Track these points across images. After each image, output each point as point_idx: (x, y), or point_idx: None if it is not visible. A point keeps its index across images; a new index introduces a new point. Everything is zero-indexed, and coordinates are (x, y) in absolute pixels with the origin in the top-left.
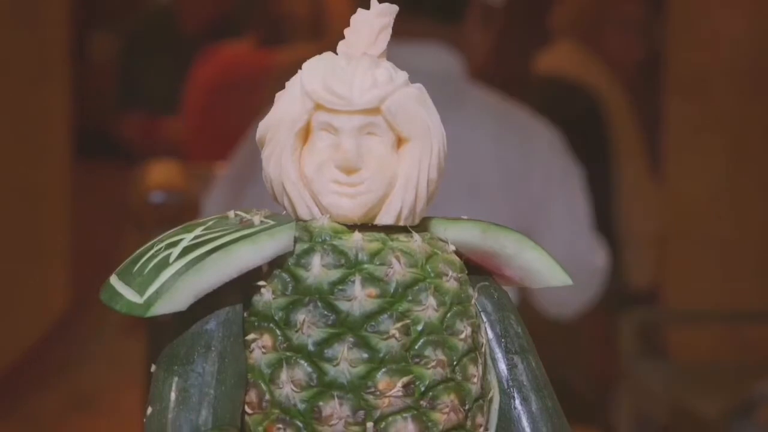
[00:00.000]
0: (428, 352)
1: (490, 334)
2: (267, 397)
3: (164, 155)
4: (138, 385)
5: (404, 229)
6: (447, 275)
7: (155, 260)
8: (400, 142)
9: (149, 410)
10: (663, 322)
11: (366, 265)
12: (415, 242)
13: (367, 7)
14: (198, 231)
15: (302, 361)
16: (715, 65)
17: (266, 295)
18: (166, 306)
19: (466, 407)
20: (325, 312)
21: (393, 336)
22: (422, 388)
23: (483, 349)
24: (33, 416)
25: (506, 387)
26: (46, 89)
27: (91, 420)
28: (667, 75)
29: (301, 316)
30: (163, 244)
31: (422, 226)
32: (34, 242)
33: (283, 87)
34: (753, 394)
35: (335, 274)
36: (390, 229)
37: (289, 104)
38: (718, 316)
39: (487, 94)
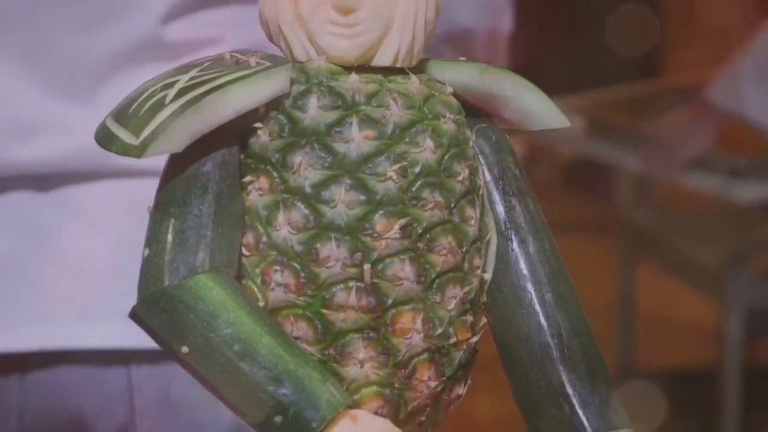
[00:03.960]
0: (426, 194)
1: (488, 176)
2: (264, 239)
3: None
4: None
5: (402, 71)
6: (445, 117)
7: (150, 102)
8: None
9: (146, 252)
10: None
11: (363, 107)
12: (413, 84)
13: None
14: (194, 72)
15: (299, 203)
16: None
17: (263, 137)
18: (162, 147)
19: (464, 249)
20: (322, 154)
21: (390, 178)
22: (420, 230)
23: (481, 191)
24: None
25: (504, 229)
26: None
27: None
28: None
29: (297, 158)
30: (158, 86)
31: (420, 67)
32: None
33: None
34: (749, 242)
35: (332, 116)
36: (387, 71)
37: None
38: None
39: None
